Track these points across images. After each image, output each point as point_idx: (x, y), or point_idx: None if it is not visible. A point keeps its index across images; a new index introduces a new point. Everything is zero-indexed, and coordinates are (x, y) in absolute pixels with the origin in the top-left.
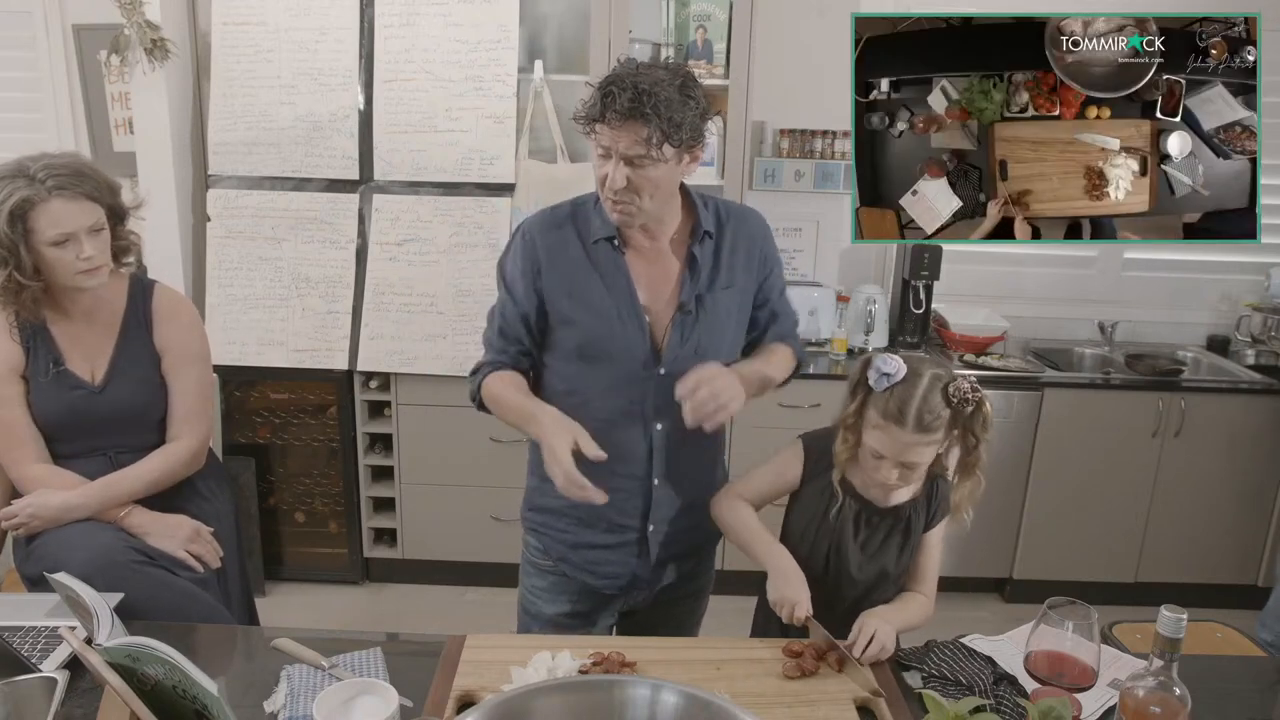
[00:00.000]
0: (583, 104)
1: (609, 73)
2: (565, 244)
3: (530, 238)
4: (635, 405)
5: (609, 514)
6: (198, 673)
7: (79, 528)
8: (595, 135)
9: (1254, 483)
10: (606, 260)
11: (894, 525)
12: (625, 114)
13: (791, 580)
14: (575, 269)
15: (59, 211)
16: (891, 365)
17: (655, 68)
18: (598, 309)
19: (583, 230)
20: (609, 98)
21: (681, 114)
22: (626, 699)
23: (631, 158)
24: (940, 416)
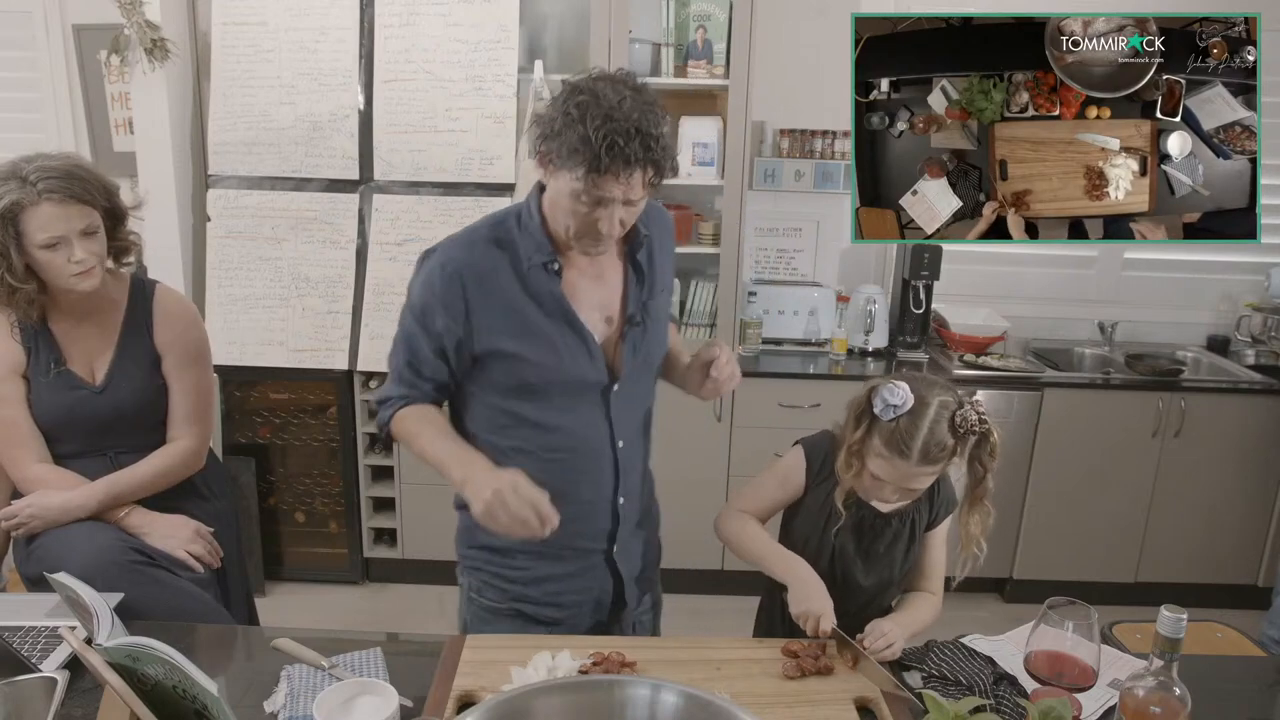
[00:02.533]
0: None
1: (593, 114)
2: (495, 273)
3: (452, 270)
4: (597, 428)
5: (575, 541)
6: (198, 673)
7: (79, 528)
8: (594, 187)
9: (1254, 483)
10: (542, 286)
11: (899, 529)
12: (634, 162)
13: (814, 593)
14: (510, 301)
15: (49, 215)
16: (898, 395)
17: (625, 90)
18: (542, 342)
19: (512, 256)
20: (614, 148)
21: (670, 142)
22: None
23: (632, 201)
24: (946, 447)
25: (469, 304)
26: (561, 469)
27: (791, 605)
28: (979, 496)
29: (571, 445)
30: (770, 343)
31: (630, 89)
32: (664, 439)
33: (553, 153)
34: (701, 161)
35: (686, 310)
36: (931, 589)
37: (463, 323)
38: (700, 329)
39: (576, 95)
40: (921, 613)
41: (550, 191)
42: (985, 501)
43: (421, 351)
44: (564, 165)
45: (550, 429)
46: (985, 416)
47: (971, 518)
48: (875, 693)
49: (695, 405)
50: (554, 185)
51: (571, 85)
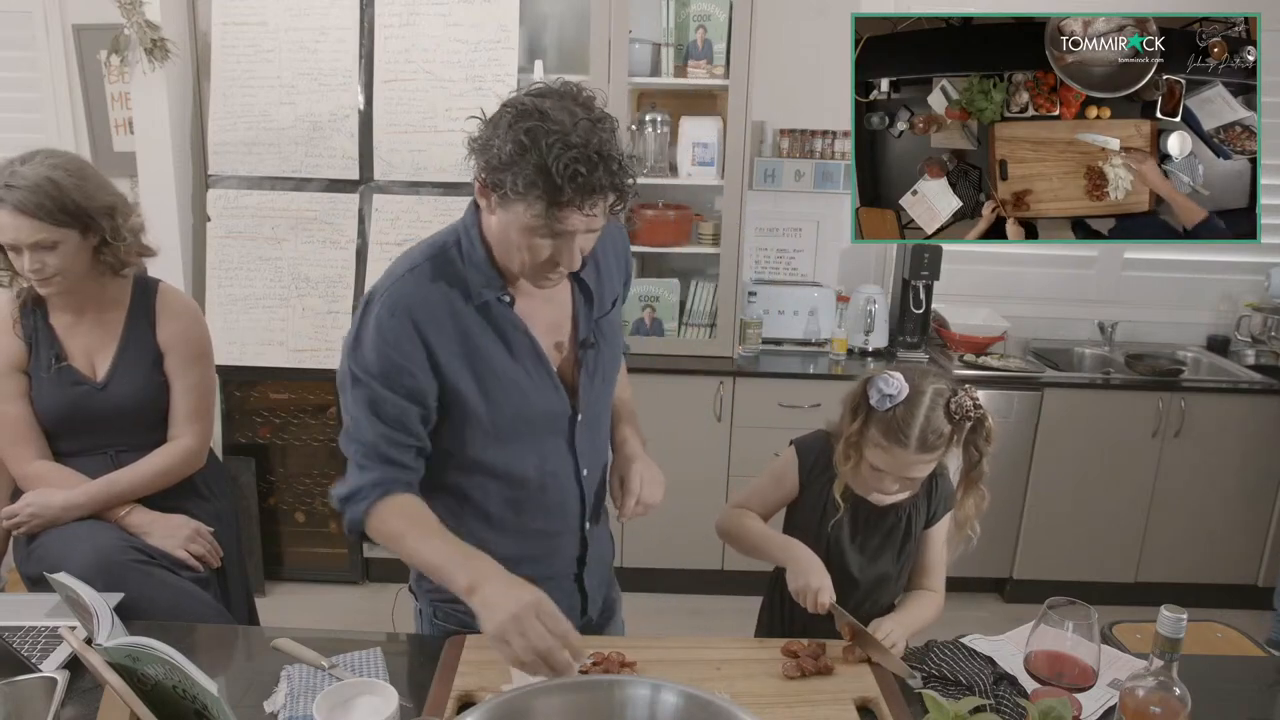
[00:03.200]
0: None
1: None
2: (452, 313)
3: (401, 310)
4: (561, 461)
5: (546, 569)
6: (198, 673)
7: (79, 527)
8: (554, 221)
9: (1254, 483)
10: (501, 319)
11: (893, 525)
12: (598, 190)
13: (811, 568)
14: (467, 338)
15: (4, 222)
16: (893, 385)
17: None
18: (505, 382)
19: (460, 290)
20: (576, 178)
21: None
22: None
23: (594, 229)
24: (942, 434)
25: (429, 345)
26: (526, 509)
27: (790, 581)
28: (974, 480)
29: (538, 483)
30: (770, 343)
31: (579, 105)
32: (664, 439)
33: (504, 185)
34: (701, 161)
35: (686, 310)
36: (933, 586)
37: (428, 369)
38: (700, 329)
39: (524, 120)
40: (923, 610)
41: (497, 225)
42: (980, 485)
43: (394, 418)
44: (518, 199)
45: (513, 470)
46: (979, 402)
47: (966, 501)
48: (875, 693)
49: (695, 405)
50: (502, 218)
51: (515, 107)
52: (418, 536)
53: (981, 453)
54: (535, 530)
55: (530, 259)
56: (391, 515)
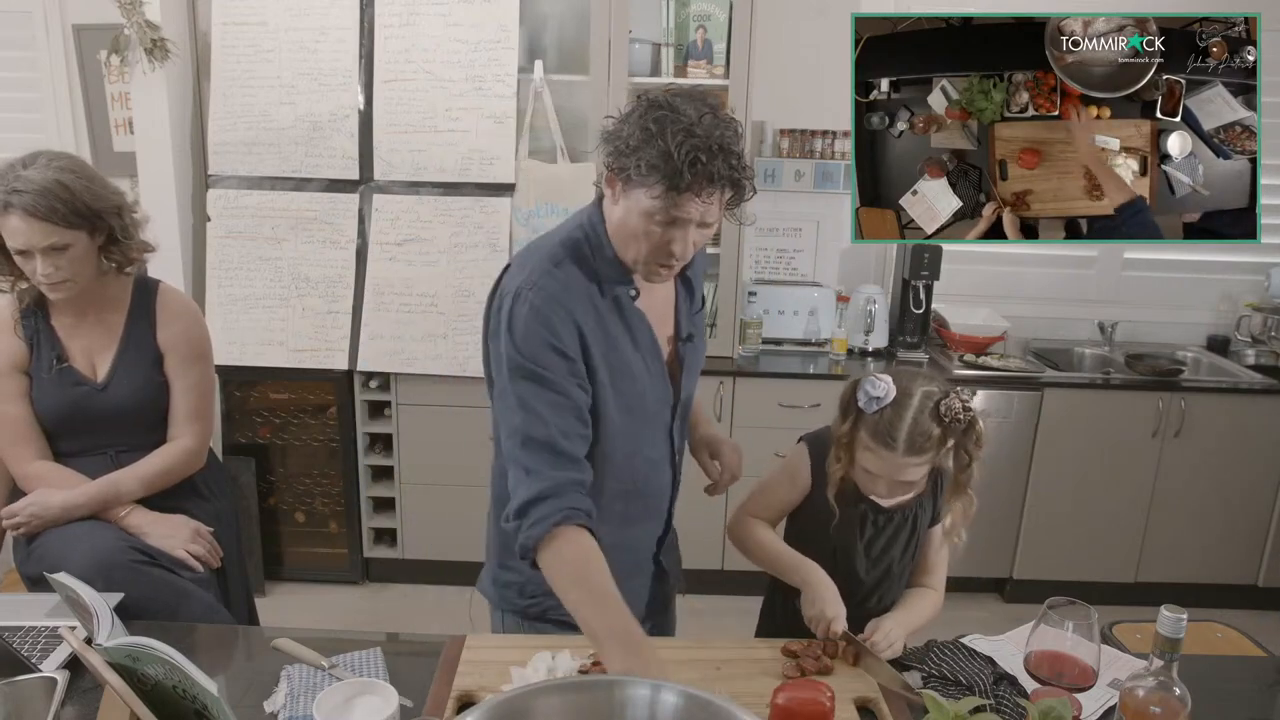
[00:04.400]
0: (641, 165)
1: (673, 129)
2: (591, 302)
3: (556, 303)
4: (664, 448)
5: (638, 548)
6: (198, 673)
7: (79, 527)
8: (672, 206)
9: (1254, 483)
10: (628, 311)
11: (900, 524)
12: (716, 180)
13: (826, 595)
14: (607, 328)
15: (14, 226)
16: (880, 388)
17: (702, 107)
18: (635, 378)
19: (595, 280)
20: (696, 164)
21: (749, 163)
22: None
23: (708, 224)
24: (931, 436)
25: (581, 332)
26: (632, 497)
27: (805, 607)
28: (962, 485)
29: (644, 470)
30: (770, 343)
31: (707, 106)
32: None
33: (629, 169)
34: None
35: None
36: (933, 584)
37: (580, 356)
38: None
39: (654, 110)
40: (923, 609)
41: (619, 212)
42: (969, 490)
43: (568, 405)
44: (640, 182)
45: (626, 458)
46: (970, 405)
47: (954, 505)
48: (875, 693)
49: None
50: (625, 205)
51: (648, 100)
52: (586, 595)
53: (971, 456)
54: (635, 515)
55: (647, 246)
56: (566, 555)
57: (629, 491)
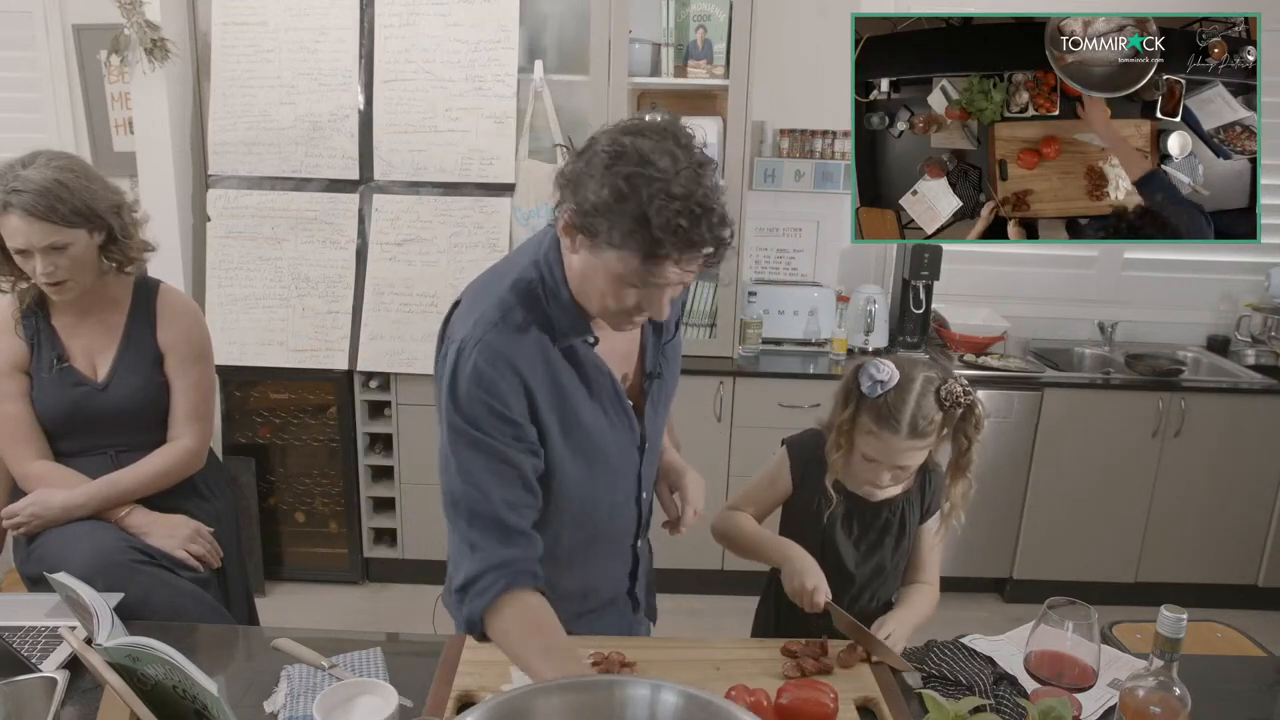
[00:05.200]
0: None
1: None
2: (544, 357)
3: (503, 363)
4: (628, 490)
5: (602, 588)
6: (198, 673)
7: (79, 527)
8: (648, 274)
9: (1254, 483)
10: (584, 360)
11: (888, 520)
12: (698, 244)
13: (806, 568)
14: (558, 382)
15: (14, 226)
16: (884, 372)
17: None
18: (591, 430)
19: (547, 329)
20: (678, 232)
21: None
22: (626, 699)
23: (687, 282)
24: (933, 421)
25: (529, 391)
26: (594, 541)
27: (786, 583)
28: (962, 468)
29: (607, 514)
30: (770, 343)
31: (680, 146)
32: None
33: (597, 230)
34: None
35: (686, 310)
36: (928, 580)
37: (526, 416)
38: (700, 329)
39: (623, 163)
40: (921, 605)
41: (582, 265)
42: (968, 473)
43: (515, 476)
44: (611, 247)
45: (586, 507)
46: (969, 388)
47: (954, 489)
48: (875, 693)
49: (694, 405)
50: (589, 261)
51: (612, 149)
52: (540, 651)
53: (970, 440)
54: (597, 558)
55: (614, 305)
56: (515, 617)
57: (590, 537)
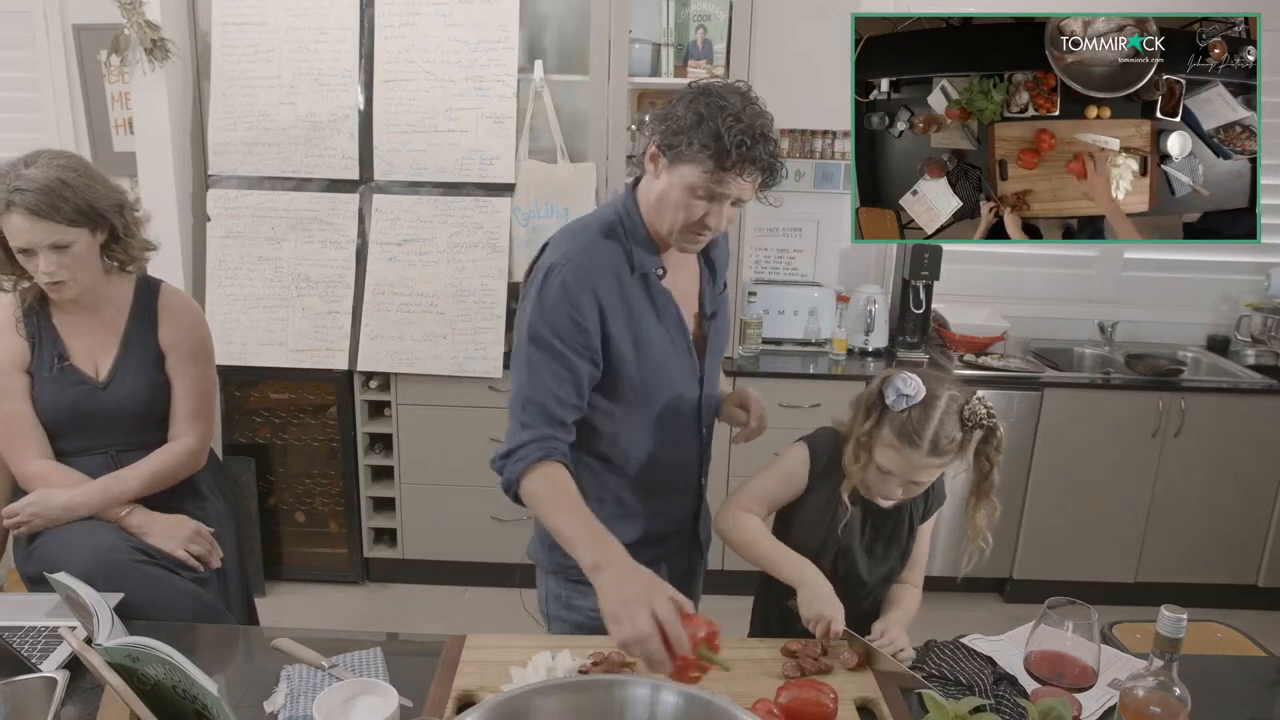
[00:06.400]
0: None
1: (724, 114)
2: (619, 281)
3: (585, 281)
4: (689, 421)
5: (666, 526)
6: (198, 673)
7: (80, 527)
8: (716, 182)
9: (1254, 483)
10: (655, 290)
11: (897, 525)
12: (757, 162)
13: (824, 596)
14: (633, 306)
15: (17, 225)
16: (911, 386)
17: (746, 97)
18: (657, 348)
19: (627, 258)
20: (742, 147)
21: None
22: (626, 699)
23: (742, 201)
24: (954, 440)
25: (603, 309)
26: (659, 470)
27: (802, 608)
28: (985, 491)
29: (672, 442)
30: (770, 343)
31: (748, 98)
32: None
33: (679, 146)
34: None
35: None
36: (915, 580)
37: (599, 331)
38: None
39: (706, 96)
40: (911, 605)
41: (661, 185)
42: (991, 496)
43: (568, 377)
44: (690, 158)
45: (652, 434)
46: (993, 411)
47: (979, 512)
48: (875, 693)
49: None
50: (668, 179)
51: (699, 87)
52: (561, 508)
53: (993, 463)
54: (662, 485)
55: (685, 218)
56: (543, 480)
57: (654, 461)
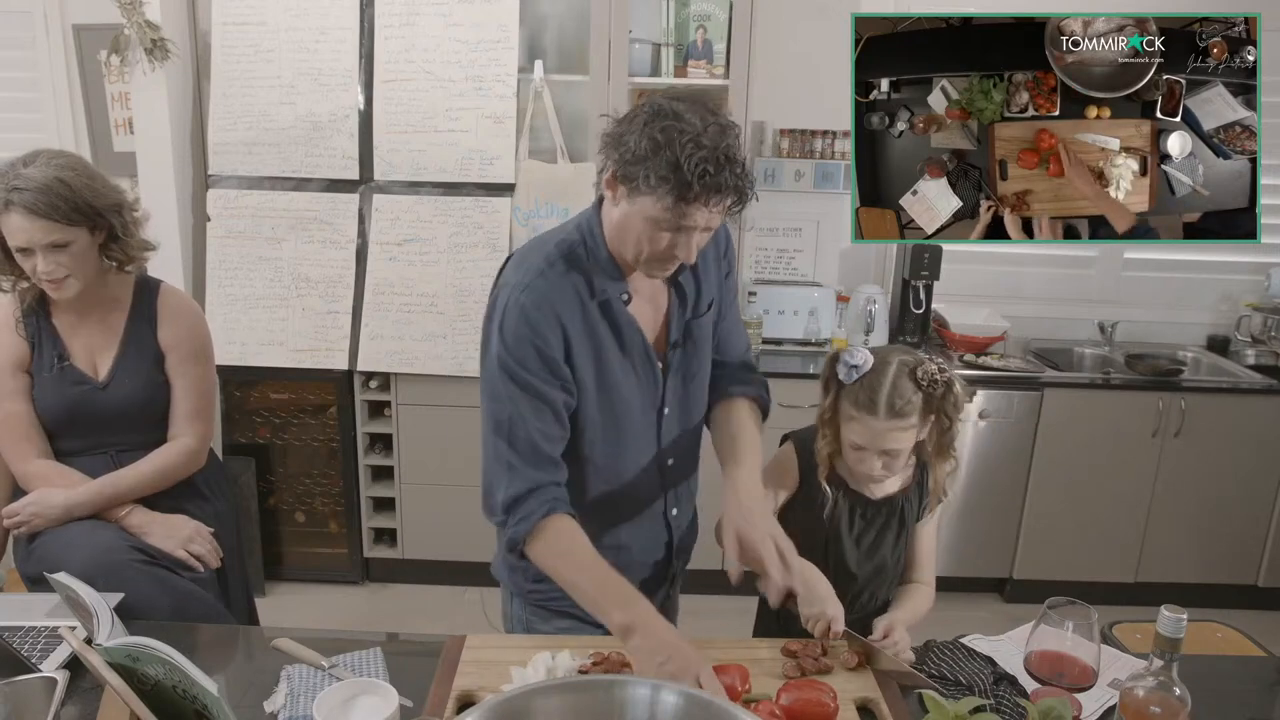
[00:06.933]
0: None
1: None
2: (581, 306)
3: (547, 306)
4: (648, 453)
5: (635, 559)
6: (198, 673)
7: (79, 527)
8: (680, 216)
9: (1254, 483)
10: (618, 316)
11: (889, 517)
12: (723, 190)
13: (825, 596)
14: (593, 331)
15: (16, 224)
16: (858, 357)
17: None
18: (622, 382)
19: (586, 283)
20: (705, 176)
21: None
22: (626, 699)
23: (711, 228)
24: (911, 401)
25: (566, 335)
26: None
27: (802, 607)
28: (944, 446)
29: (631, 478)
30: (770, 343)
31: (709, 112)
32: None
33: (636, 178)
34: None
35: None
36: (924, 579)
37: (564, 358)
38: None
39: (660, 119)
40: (919, 604)
41: (622, 215)
42: (951, 452)
43: (541, 409)
44: (649, 192)
45: (604, 462)
46: (945, 368)
47: (939, 467)
48: (875, 693)
49: None
50: (629, 209)
51: (652, 107)
52: (578, 566)
53: (951, 419)
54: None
55: (649, 249)
56: (554, 538)
57: (614, 493)
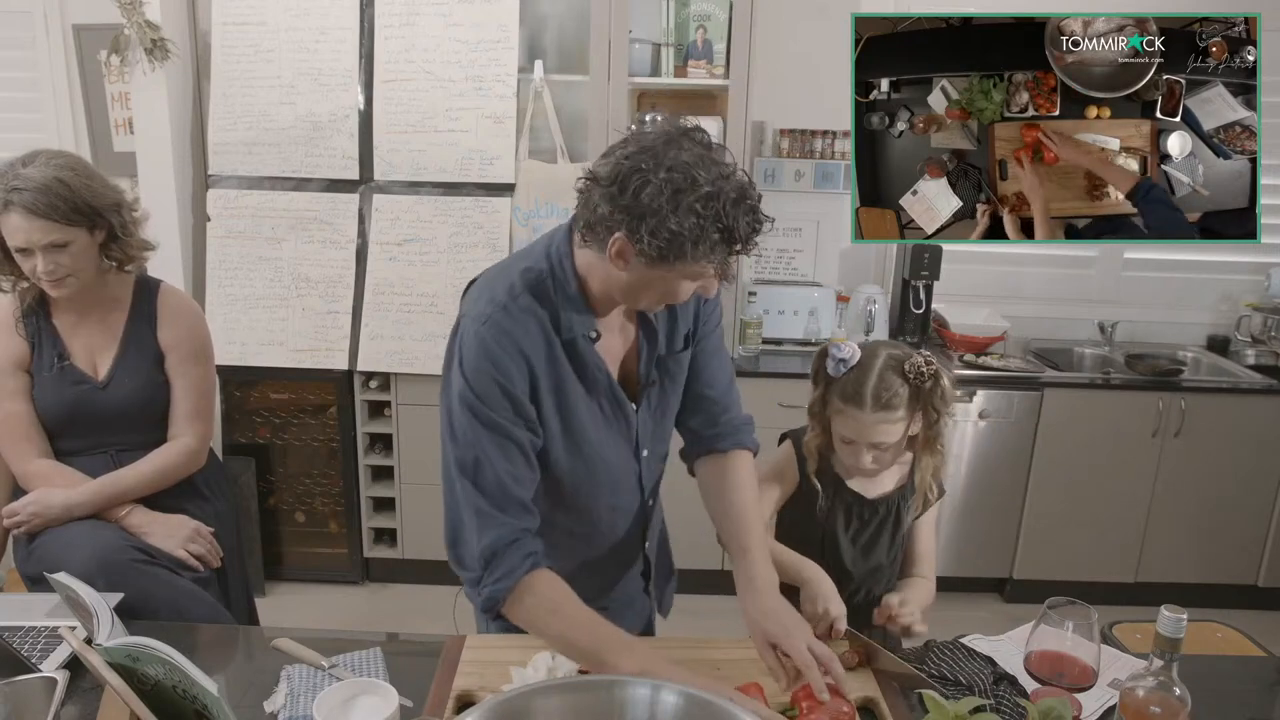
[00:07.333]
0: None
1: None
2: (546, 343)
3: (509, 341)
4: (629, 494)
5: (615, 592)
6: (198, 673)
7: (80, 527)
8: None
9: (1254, 483)
10: (584, 355)
11: (885, 516)
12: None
13: (827, 594)
14: (558, 371)
15: (15, 224)
16: (845, 351)
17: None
18: (584, 415)
19: (552, 318)
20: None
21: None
22: (626, 699)
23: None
24: (899, 394)
25: (532, 372)
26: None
27: (805, 605)
28: (930, 440)
29: (610, 520)
30: (770, 343)
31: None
32: None
33: (684, 255)
34: None
35: None
36: (924, 574)
37: (528, 394)
38: None
39: (690, 192)
40: (921, 594)
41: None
42: (938, 446)
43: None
44: (696, 260)
45: (577, 504)
46: (933, 361)
47: (924, 461)
48: (875, 693)
49: None
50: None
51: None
52: (572, 622)
53: (939, 413)
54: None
55: (669, 299)
56: (540, 597)
57: (589, 534)
